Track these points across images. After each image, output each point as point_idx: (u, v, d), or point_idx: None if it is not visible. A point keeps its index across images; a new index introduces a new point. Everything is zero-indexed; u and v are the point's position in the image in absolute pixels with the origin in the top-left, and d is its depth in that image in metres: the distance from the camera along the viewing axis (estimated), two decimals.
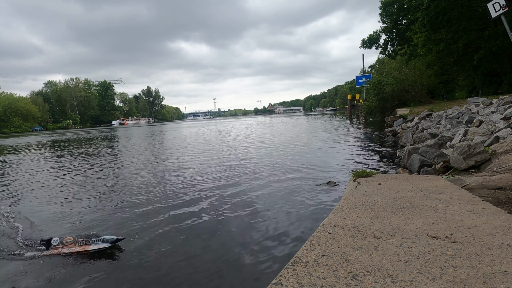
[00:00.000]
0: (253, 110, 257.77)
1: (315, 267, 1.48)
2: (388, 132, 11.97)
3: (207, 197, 4.85)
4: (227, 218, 3.84)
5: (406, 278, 1.33)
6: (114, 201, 4.93)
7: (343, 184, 4.98)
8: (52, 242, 3.09)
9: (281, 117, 64.57)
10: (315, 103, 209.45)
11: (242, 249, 2.94)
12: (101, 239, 3.03)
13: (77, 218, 4.16)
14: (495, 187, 2.95)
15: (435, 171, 4.42)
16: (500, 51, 17.99)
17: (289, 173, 6.26)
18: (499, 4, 7.54)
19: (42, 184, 6.67)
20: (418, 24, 20.59)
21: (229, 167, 7.41)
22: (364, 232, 1.91)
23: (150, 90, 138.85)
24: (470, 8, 18.59)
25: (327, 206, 3.98)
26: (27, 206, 4.97)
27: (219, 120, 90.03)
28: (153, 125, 74.39)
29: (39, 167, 9.43)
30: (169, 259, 2.83)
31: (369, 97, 27.06)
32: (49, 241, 3.12)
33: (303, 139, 13.37)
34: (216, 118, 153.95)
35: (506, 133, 4.80)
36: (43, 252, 3.06)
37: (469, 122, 7.17)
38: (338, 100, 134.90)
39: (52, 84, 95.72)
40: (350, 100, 46.78)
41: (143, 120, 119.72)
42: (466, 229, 1.89)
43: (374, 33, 29.19)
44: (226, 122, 55.38)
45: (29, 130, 70.61)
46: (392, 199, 2.65)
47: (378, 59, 63.00)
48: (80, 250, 3.00)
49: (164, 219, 3.91)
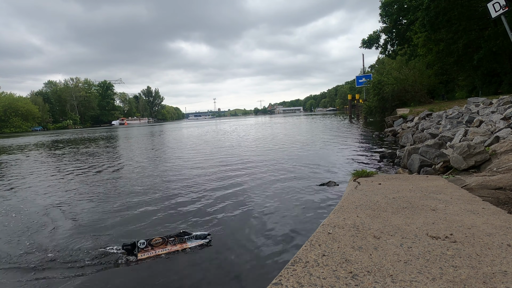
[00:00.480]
0: (253, 110, 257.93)
1: (315, 267, 1.47)
2: (388, 132, 11.98)
3: (207, 196, 4.85)
4: (227, 217, 3.84)
5: (406, 278, 1.33)
6: (120, 201, 4.94)
7: (343, 184, 4.98)
8: (138, 245, 2.87)
9: (281, 117, 64.57)
10: (315, 103, 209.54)
11: (241, 249, 2.94)
12: (194, 236, 3.03)
13: (124, 221, 3.95)
14: (495, 187, 2.95)
15: (435, 171, 4.42)
16: (500, 51, 18.00)
17: (289, 173, 6.25)
18: (499, 4, 7.54)
19: (67, 184, 6.67)
20: (418, 24, 20.60)
21: (229, 167, 7.41)
22: (364, 232, 1.91)
23: (150, 90, 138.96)
24: (470, 8, 18.60)
25: (327, 206, 3.98)
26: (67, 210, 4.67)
27: (219, 120, 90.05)
28: (153, 125, 74.40)
29: (57, 167, 9.43)
30: (168, 259, 2.84)
31: (369, 97, 27.08)
32: (134, 245, 2.88)
33: (303, 139, 13.37)
34: (217, 118, 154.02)
35: (506, 133, 4.80)
36: (138, 256, 2.81)
37: (469, 122, 7.17)
38: (338, 100, 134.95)
39: (52, 84, 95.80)
40: (350, 100, 46.77)
41: (143, 120, 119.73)
42: (466, 229, 1.89)
43: (374, 33, 29.20)
44: (226, 122, 55.39)
45: (29, 130, 70.61)
46: (392, 199, 2.65)
47: (378, 59, 63.05)
48: (177, 249, 2.91)
49: (162, 218, 3.92)
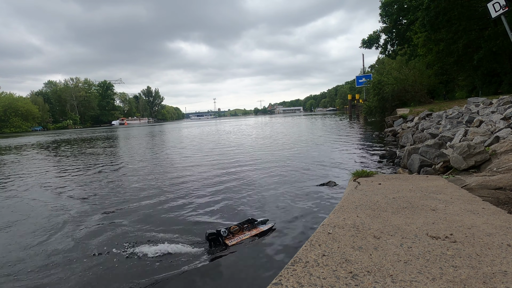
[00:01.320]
0: (253, 110, 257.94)
1: (315, 267, 1.47)
2: (388, 132, 11.97)
3: (205, 195, 4.85)
4: (226, 217, 3.84)
5: (406, 278, 1.33)
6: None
7: (343, 184, 4.98)
8: (222, 234, 3.04)
9: (281, 117, 64.55)
10: (315, 103, 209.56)
11: (241, 249, 2.94)
12: (260, 221, 3.38)
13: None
14: (495, 187, 2.95)
15: (435, 171, 4.41)
16: (500, 51, 18.00)
17: (289, 173, 6.26)
18: (499, 4, 7.54)
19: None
20: (418, 24, 20.60)
21: (228, 166, 7.41)
22: (364, 232, 1.91)
23: (150, 90, 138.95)
24: (470, 8, 18.59)
25: (327, 206, 3.98)
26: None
27: (219, 120, 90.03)
28: (153, 125, 74.39)
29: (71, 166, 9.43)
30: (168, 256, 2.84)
31: (369, 97, 27.08)
32: (219, 233, 3.03)
33: (303, 139, 13.38)
34: (217, 118, 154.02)
35: (506, 133, 4.80)
36: (227, 244, 2.98)
37: (469, 122, 7.17)
38: (338, 100, 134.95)
39: (52, 84, 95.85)
40: (350, 100, 46.82)
41: (143, 120, 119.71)
42: (466, 229, 1.89)
43: (374, 33, 29.22)
44: (226, 122, 55.38)
45: (29, 130, 70.62)
46: (392, 199, 2.65)
47: (378, 59, 63.04)
48: (255, 233, 3.22)
49: (160, 218, 3.92)
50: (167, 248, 2.93)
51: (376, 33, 29.05)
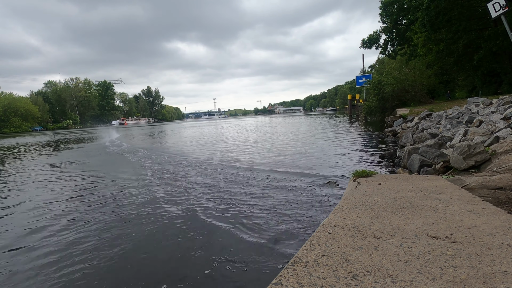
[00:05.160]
0: (253, 110, 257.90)
1: (315, 267, 1.47)
2: (388, 132, 11.97)
3: (204, 194, 4.85)
4: (226, 217, 3.84)
5: (406, 278, 1.33)
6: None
7: (343, 184, 4.98)
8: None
9: (281, 117, 64.55)
10: (315, 103, 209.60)
11: (241, 249, 2.94)
12: None
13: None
14: (495, 187, 2.95)
15: (435, 171, 4.41)
16: (500, 51, 18.01)
17: (289, 173, 6.25)
18: (499, 4, 7.54)
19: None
20: (418, 24, 20.61)
21: (228, 166, 7.41)
22: (364, 232, 1.91)
23: (150, 90, 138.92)
24: (470, 8, 18.60)
25: (327, 206, 3.98)
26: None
27: (219, 120, 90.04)
28: (153, 125, 74.38)
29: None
30: (166, 256, 2.84)
31: (369, 97, 27.09)
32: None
33: (303, 139, 13.37)
34: (217, 118, 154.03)
35: (506, 133, 4.80)
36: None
37: (469, 122, 7.17)
38: (338, 100, 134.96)
39: (52, 84, 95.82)
40: (350, 100, 46.83)
41: (143, 120, 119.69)
42: (466, 229, 1.89)
43: (374, 33, 29.23)
44: (227, 122, 55.40)
45: (29, 130, 70.58)
46: (392, 199, 2.65)
47: (378, 59, 63.11)
48: None
49: (159, 217, 3.92)
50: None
51: (376, 33, 29.05)
